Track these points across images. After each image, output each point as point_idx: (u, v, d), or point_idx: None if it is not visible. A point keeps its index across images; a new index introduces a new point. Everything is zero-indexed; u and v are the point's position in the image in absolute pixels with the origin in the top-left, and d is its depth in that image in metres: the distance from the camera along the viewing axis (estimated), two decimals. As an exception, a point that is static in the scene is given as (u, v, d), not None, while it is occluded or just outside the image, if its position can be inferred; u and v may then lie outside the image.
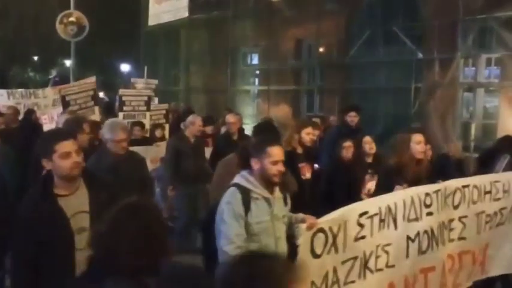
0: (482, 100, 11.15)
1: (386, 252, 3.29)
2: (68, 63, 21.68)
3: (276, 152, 3.04)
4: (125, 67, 27.92)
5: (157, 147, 6.91)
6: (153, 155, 6.64)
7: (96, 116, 8.07)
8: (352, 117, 6.40)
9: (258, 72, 17.09)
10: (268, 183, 3.04)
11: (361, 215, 3.18)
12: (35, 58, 29.00)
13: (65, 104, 7.94)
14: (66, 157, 2.56)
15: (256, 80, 17.17)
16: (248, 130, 9.55)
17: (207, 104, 16.53)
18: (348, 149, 5.17)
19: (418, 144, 3.87)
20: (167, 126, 8.83)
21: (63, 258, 2.51)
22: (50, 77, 29.90)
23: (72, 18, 11.81)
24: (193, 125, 6.16)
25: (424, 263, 3.51)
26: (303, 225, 2.97)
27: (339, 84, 13.51)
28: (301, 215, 3.17)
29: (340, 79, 13.58)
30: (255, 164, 3.03)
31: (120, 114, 8.00)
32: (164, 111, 9.15)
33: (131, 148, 4.62)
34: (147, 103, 8.47)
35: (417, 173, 3.84)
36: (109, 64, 26.62)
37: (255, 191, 3.01)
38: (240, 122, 7.23)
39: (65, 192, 2.63)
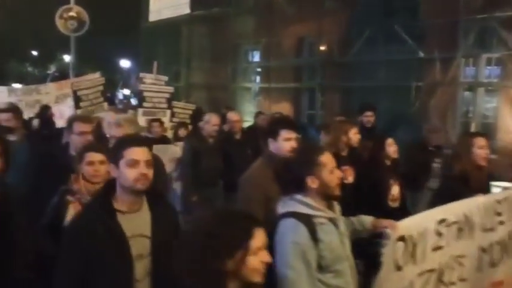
0: (482, 99, 11.17)
1: (461, 265, 3.06)
2: (67, 58, 21.63)
3: (330, 159, 2.60)
4: (124, 63, 27.90)
5: (177, 147, 6.66)
6: (172, 155, 6.35)
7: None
8: (369, 117, 6.19)
9: (259, 69, 17.08)
10: (328, 198, 2.59)
11: (439, 222, 2.92)
12: (34, 53, 28.93)
13: (77, 99, 7.75)
14: (133, 166, 2.27)
15: (257, 77, 17.16)
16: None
17: (207, 101, 16.52)
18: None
19: (481, 149, 3.58)
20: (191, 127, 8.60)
21: (117, 286, 2.20)
22: (49, 72, 29.85)
23: (72, 13, 11.73)
24: (208, 123, 5.87)
25: (494, 276, 3.30)
26: (391, 232, 2.67)
27: (339, 82, 13.54)
28: (367, 219, 2.86)
29: (341, 77, 13.61)
30: (311, 182, 2.52)
31: (140, 111, 7.83)
32: (191, 111, 8.91)
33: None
34: (169, 100, 8.23)
35: (480, 180, 3.56)
36: (109, 60, 26.59)
37: (319, 215, 2.52)
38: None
39: (126, 209, 2.30)
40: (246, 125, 8.76)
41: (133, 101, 22.33)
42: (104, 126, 4.51)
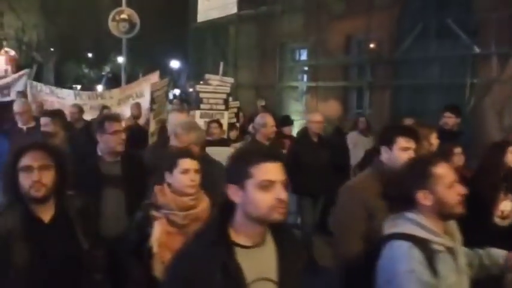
0: (543, 97, 10.55)
1: None
2: (120, 59, 22.31)
3: (447, 171, 2.18)
4: (174, 63, 28.46)
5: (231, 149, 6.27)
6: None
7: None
8: (447, 119, 5.66)
9: (306, 68, 16.93)
10: (446, 218, 2.18)
11: None
12: (90, 55, 30.02)
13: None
14: (268, 189, 1.73)
15: (305, 76, 17.02)
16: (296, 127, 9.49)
17: (255, 100, 16.56)
18: (459, 157, 4.17)
19: None
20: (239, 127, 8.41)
21: None
22: (103, 73, 30.95)
23: (124, 15, 12.09)
24: (264, 127, 5.38)
25: None
26: None
27: (389, 81, 13.19)
28: (498, 252, 2.37)
29: (390, 75, 13.24)
30: (424, 198, 2.13)
31: (197, 113, 7.53)
32: (236, 110, 8.66)
33: (208, 149, 4.26)
34: (226, 102, 7.86)
35: None
36: (159, 60, 27.27)
37: (437, 241, 2.09)
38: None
39: (247, 242, 1.77)
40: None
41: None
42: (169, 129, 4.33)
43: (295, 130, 8.86)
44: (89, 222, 2.55)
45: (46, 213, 2.44)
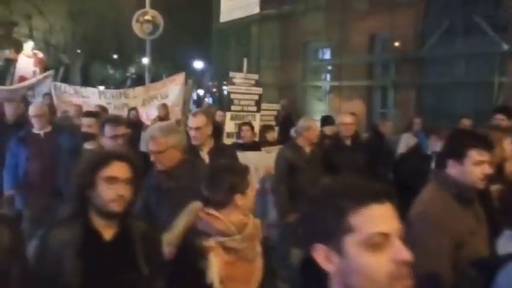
0: None
1: None
2: (144, 60, 22.57)
3: None
4: (197, 64, 28.63)
5: (269, 154, 5.98)
6: (266, 163, 5.65)
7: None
8: (499, 121, 5.22)
9: (329, 67, 16.81)
10: None
11: None
12: (115, 56, 30.45)
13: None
14: (377, 248, 1.15)
15: (328, 75, 16.90)
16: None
17: (277, 100, 16.52)
18: None
19: None
20: (277, 129, 8.09)
21: None
22: (128, 74, 31.36)
23: (147, 17, 12.19)
24: (307, 130, 5.04)
25: None
26: None
27: (414, 79, 12.97)
28: None
29: (415, 73, 13.02)
30: None
31: (228, 115, 7.24)
32: (276, 112, 8.40)
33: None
34: (258, 103, 7.52)
35: None
36: (182, 61, 27.47)
37: None
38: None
39: None
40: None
41: (208, 100, 22.89)
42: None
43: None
44: (152, 247, 2.27)
45: (109, 230, 2.19)
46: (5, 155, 5.18)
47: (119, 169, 2.17)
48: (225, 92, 21.84)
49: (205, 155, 4.02)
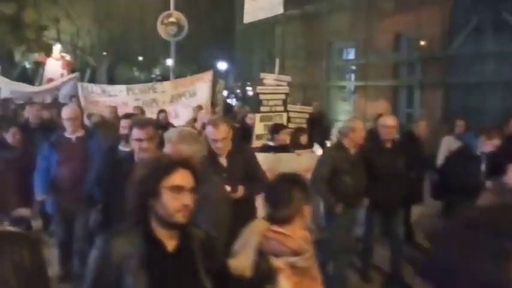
0: None
1: None
2: (168, 62, 22.78)
3: None
4: (221, 65, 28.73)
5: (300, 156, 5.81)
6: (298, 165, 5.43)
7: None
8: None
9: (354, 67, 16.65)
10: None
11: None
12: (140, 58, 30.83)
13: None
14: None
15: (353, 75, 16.74)
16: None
17: (301, 100, 16.45)
18: None
19: None
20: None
21: None
22: (153, 75, 31.70)
23: (172, 19, 12.28)
24: (353, 131, 4.81)
25: None
26: None
27: (441, 79, 12.73)
28: None
29: (442, 73, 12.77)
30: None
31: (257, 116, 7.03)
32: (307, 115, 8.13)
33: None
34: (284, 102, 7.29)
35: None
36: (206, 62, 27.64)
37: None
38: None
39: None
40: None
41: (231, 101, 22.94)
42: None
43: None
44: (213, 259, 2.13)
45: (171, 241, 2.04)
46: (32, 158, 5.15)
47: (183, 177, 2.03)
48: (249, 93, 21.84)
49: (223, 160, 3.96)
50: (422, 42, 13.25)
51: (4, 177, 5.24)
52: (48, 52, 20.65)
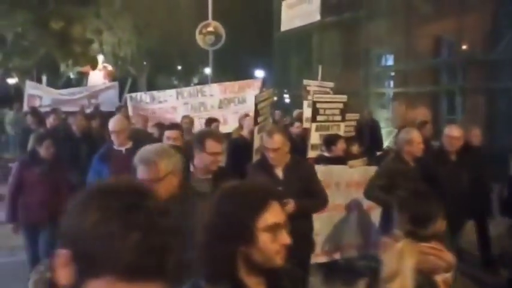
0: None
1: None
2: (206, 71, 23.05)
3: None
4: (259, 73, 28.85)
5: (352, 169, 5.58)
6: (348, 178, 5.29)
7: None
8: None
9: (392, 73, 16.40)
10: None
11: None
12: (179, 67, 31.31)
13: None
14: None
15: (391, 81, 16.48)
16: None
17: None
18: None
19: None
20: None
21: None
22: (192, 84, 32.14)
23: (210, 28, 12.45)
24: (410, 144, 4.55)
25: None
26: None
27: (484, 84, 12.35)
28: None
29: (485, 78, 12.41)
30: None
31: (313, 125, 6.72)
32: (355, 123, 7.83)
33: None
34: (342, 111, 6.89)
35: None
36: (244, 70, 27.80)
37: None
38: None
39: None
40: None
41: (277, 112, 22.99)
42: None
43: (385, 139, 8.15)
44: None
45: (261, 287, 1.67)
46: (77, 168, 5.13)
47: (277, 212, 1.63)
48: (286, 100, 21.72)
49: (279, 172, 3.90)
50: (463, 47, 12.92)
51: (35, 190, 5.08)
52: (94, 65, 21.29)
